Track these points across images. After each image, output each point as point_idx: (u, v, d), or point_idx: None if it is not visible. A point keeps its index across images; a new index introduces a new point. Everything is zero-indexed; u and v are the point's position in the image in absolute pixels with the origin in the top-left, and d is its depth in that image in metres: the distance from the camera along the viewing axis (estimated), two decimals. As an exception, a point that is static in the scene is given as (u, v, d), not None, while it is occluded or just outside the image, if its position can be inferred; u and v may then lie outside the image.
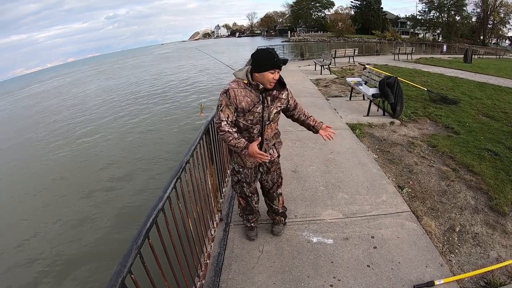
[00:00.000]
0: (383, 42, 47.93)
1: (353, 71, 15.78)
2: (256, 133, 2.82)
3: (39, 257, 6.31)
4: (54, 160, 11.92)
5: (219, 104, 2.71)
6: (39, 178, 10.36)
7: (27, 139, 15.99)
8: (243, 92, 2.68)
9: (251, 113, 2.71)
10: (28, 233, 7.15)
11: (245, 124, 2.76)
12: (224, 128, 2.67)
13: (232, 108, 2.69)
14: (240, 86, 2.69)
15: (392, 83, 7.23)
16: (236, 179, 3.15)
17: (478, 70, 17.16)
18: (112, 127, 15.54)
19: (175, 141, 12.03)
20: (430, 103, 8.95)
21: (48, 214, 7.88)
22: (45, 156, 12.61)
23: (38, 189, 9.39)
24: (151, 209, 1.93)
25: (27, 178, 10.50)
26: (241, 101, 2.67)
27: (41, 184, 9.73)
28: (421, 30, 77.29)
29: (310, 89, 11.50)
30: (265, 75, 2.62)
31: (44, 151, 13.28)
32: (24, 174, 11.01)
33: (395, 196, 4.18)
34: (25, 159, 12.74)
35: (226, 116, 2.68)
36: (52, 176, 10.20)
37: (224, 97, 2.68)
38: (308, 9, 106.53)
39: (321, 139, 3.34)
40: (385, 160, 5.41)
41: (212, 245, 3.34)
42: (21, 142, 15.57)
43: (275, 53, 2.67)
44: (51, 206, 8.25)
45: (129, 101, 21.64)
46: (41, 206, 8.40)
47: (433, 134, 6.56)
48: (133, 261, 1.57)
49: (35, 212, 8.10)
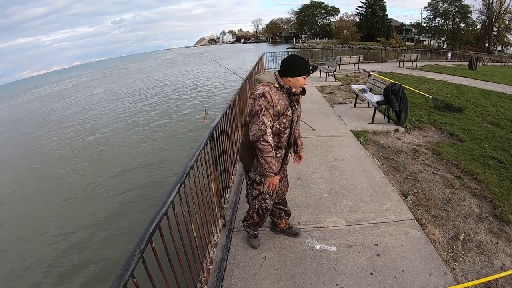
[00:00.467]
0: (388, 49, 47.93)
1: (358, 78, 15.76)
2: (285, 138, 2.84)
3: (41, 259, 6.33)
4: (57, 165, 11.97)
5: (258, 109, 2.61)
6: (43, 182, 10.41)
7: (32, 140, 16.09)
8: (277, 95, 2.68)
9: (284, 116, 2.72)
10: (30, 234, 7.18)
11: (278, 128, 2.74)
12: (269, 138, 2.63)
13: (271, 112, 2.64)
14: (273, 90, 2.68)
15: (397, 91, 7.22)
16: (256, 192, 3.04)
17: (483, 78, 17.08)
18: (116, 130, 15.61)
19: (178, 147, 12.06)
20: (435, 111, 8.93)
21: (50, 216, 7.91)
22: (48, 161, 12.68)
23: (41, 193, 9.43)
24: (155, 214, 1.93)
25: (31, 181, 10.55)
26: (277, 104, 2.66)
27: (44, 188, 9.78)
28: (426, 37, 77.32)
29: (315, 96, 11.51)
30: (298, 79, 2.70)
31: (49, 157, 13.34)
32: (29, 177, 11.07)
33: (399, 204, 4.16)
34: (30, 162, 12.81)
35: (268, 121, 2.63)
36: (55, 181, 10.25)
37: (262, 100, 2.62)
38: (314, 16, 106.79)
39: (326, 146, 3.37)
40: (389, 168, 5.39)
41: (214, 250, 3.34)
42: (28, 142, 15.68)
43: (304, 57, 2.77)
44: (54, 209, 8.28)
45: (133, 106, 21.73)
46: (44, 208, 8.44)
47: (438, 141, 6.54)
48: (135, 265, 1.56)
49: (38, 214, 8.14)
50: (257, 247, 3.39)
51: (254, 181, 2.99)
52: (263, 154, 2.64)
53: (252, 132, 2.64)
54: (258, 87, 2.72)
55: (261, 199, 3.04)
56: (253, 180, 2.99)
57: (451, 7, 69.40)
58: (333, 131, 7.18)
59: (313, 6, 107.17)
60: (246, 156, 2.92)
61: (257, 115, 2.61)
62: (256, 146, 2.67)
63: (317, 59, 28.07)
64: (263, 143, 2.61)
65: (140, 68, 63.84)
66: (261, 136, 2.61)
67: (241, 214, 4.02)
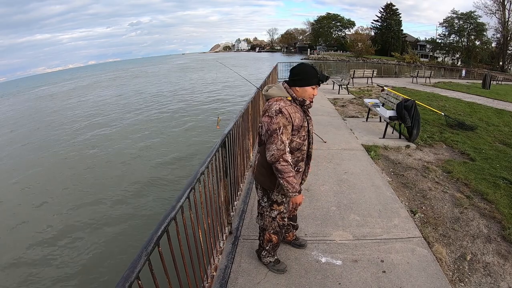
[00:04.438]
0: (402, 65, 47.85)
1: (370, 92, 15.74)
2: (305, 150, 2.76)
3: (47, 258, 6.39)
4: (69, 165, 12.09)
5: (276, 127, 2.48)
6: (53, 180, 10.52)
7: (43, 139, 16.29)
8: (293, 109, 2.57)
9: (303, 128, 2.64)
10: (38, 235, 7.25)
11: (298, 142, 2.66)
12: (288, 158, 2.51)
13: (289, 129, 2.53)
14: (287, 104, 2.57)
15: (410, 106, 7.19)
16: (276, 213, 2.89)
17: (496, 97, 16.93)
18: (129, 132, 15.76)
19: (189, 153, 12.14)
20: (446, 128, 8.86)
21: (60, 215, 7.99)
22: (59, 161, 12.84)
23: (52, 193, 9.54)
24: (163, 217, 1.94)
25: (41, 183, 10.67)
26: (295, 118, 2.55)
27: (55, 186, 9.89)
28: (440, 53, 76.89)
29: (327, 108, 11.50)
30: (307, 89, 2.60)
31: (59, 157, 13.48)
32: (37, 179, 11.20)
33: (407, 221, 4.13)
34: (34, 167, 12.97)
35: (287, 139, 2.53)
36: (67, 181, 10.36)
37: (280, 117, 2.48)
38: (329, 28, 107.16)
39: (336, 159, 3.34)
40: (398, 184, 5.36)
41: (220, 257, 3.33)
42: (37, 142, 15.87)
43: (315, 67, 2.65)
44: (64, 208, 8.36)
45: (146, 108, 21.93)
46: (53, 206, 8.53)
47: (449, 159, 6.48)
48: (141, 267, 1.57)
49: (46, 212, 8.23)
50: (286, 269, 3.20)
51: (275, 202, 2.84)
52: (284, 175, 2.51)
53: (271, 152, 2.50)
54: (272, 103, 2.59)
55: (280, 218, 2.92)
56: (273, 201, 2.85)
57: (466, 24, 69.08)
58: (344, 144, 7.16)
59: (329, 18, 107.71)
60: (264, 176, 2.75)
61: (276, 133, 2.48)
62: (274, 167, 2.54)
63: (331, 71, 28.03)
64: (283, 163, 2.49)
65: (156, 71, 64.42)
66: (280, 157, 2.48)
67: (248, 222, 4.02)
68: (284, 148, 2.49)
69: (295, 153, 2.69)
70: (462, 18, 69.52)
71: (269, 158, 2.52)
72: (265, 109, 2.62)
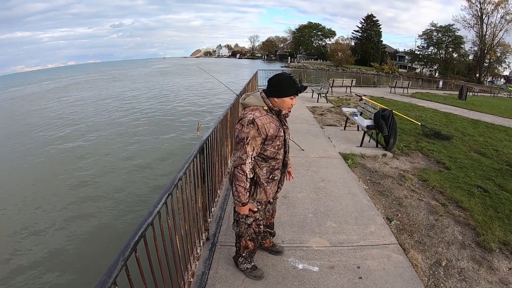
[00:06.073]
0: (381, 75, 48.52)
1: (349, 101, 15.97)
2: (281, 158, 2.77)
3: (25, 260, 6.25)
4: (36, 173, 11.83)
5: (245, 136, 2.51)
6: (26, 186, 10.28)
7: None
8: (268, 119, 2.58)
9: (278, 138, 2.64)
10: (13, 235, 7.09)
11: (272, 151, 2.67)
12: (246, 168, 2.54)
13: (259, 140, 2.55)
14: (262, 113, 2.58)
15: (387, 116, 7.33)
16: (251, 220, 2.90)
17: (472, 107, 17.47)
18: (106, 137, 15.51)
19: (167, 158, 12.06)
20: (423, 138, 9.07)
21: (33, 222, 7.82)
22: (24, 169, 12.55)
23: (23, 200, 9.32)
24: (141, 223, 1.93)
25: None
26: (269, 128, 2.56)
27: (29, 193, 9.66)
28: (418, 65, 78.85)
29: (306, 116, 11.62)
30: (285, 100, 2.61)
31: (31, 160, 13.18)
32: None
33: (383, 228, 4.20)
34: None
35: (252, 150, 2.54)
36: (42, 184, 10.14)
37: (251, 127, 2.50)
38: (310, 37, 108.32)
39: (313, 167, 3.38)
40: (375, 192, 5.45)
41: (197, 263, 3.32)
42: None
43: (296, 79, 2.66)
44: (38, 214, 8.18)
45: (126, 113, 21.66)
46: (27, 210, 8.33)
47: (425, 168, 6.63)
48: (118, 272, 1.57)
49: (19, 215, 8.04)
50: (263, 276, 3.20)
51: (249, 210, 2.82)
52: (236, 182, 2.57)
53: (233, 158, 2.60)
54: (247, 112, 2.60)
55: (255, 225, 2.95)
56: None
57: (445, 37, 71.22)
58: (322, 152, 7.24)
59: (310, 27, 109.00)
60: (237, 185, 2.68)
61: (242, 142, 2.52)
62: (232, 172, 2.64)
63: (311, 80, 28.27)
64: (239, 171, 2.54)
65: (136, 75, 63.69)
66: (239, 165, 2.54)
67: (225, 228, 4.02)
68: (246, 158, 2.52)
69: (270, 161, 2.71)
70: (440, 30, 71.70)
71: (232, 163, 2.63)
72: (240, 117, 2.63)
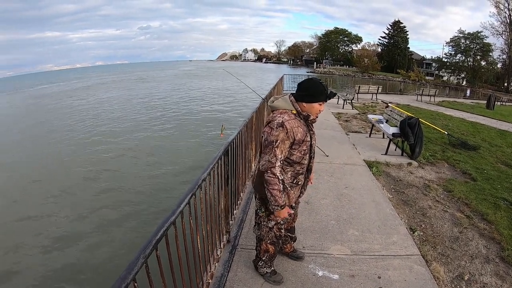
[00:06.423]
0: (407, 82, 47.70)
1: (375, 108, 15.76)
2: (306, 164, 2.75)
3: (46, 256, 6.40)
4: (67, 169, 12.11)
5: (274, 139, 2.50)
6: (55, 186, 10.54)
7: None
8: (296, 123, 2.58)
9: (304, 142, 2.63)
10: (35, 234, 7.27)
11: (298, 156, 2.66)
12: (276, 171, 2.52)
13: (287, 144, 2.55)
14: (291, 117, 2.57)
15: (413, 124, 7.20)
16: (273, 223, 2.90)
17: (500, 117, 16.94)
18: (132, 137, 15.80)
19: (191, 156, 12.17)
20: (449, 147, 8.85)
21: (59, 217, 8.00)
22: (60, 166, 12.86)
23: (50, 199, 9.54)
24: (163, 221, 1.94)
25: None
26: (297, 133, 2.56)
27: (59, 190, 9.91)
28: (445, 72, 76.91)
29: (331, 122, 11.53)
30: (314, 106, 2.61)
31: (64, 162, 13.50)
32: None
33: (406, 238, 4.11)
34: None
35: (280, 153, 2.53)
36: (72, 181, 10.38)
37: (280, 130, 2.50)
38: (336, 43, 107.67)
39: (337, 174, 3.33)
40: (399, 201, 5.35)
41: (216, 265, 3.33)
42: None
43: (326, 85, 2.65)
44: (64, 208, 8.38)
45: (152, 113, 22.02)
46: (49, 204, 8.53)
47: (450, 178, 6.47)
48: (138, 269, 1.57)
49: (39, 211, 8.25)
50: (282, 281, 3.18)
51: (272, 212, 2.77)
52: (269, 186, 2.55)
53: (262, 162, 2.57)
54: (276, 115, 2.60)
55: (277, 229, 2.93)
56: (271, 212, 2.79)
57: (472, 44, 69.32)
58: (346, 159, 7.16)
59: (337, 32, 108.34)
60: (263, 186, 2.66)
61: (271, 145, 2.51)
62: (257, 174, 2.63)
63: (336, 86, 28.10)
64: (270, 175, 2.52)
65: (163, 76, 64.67)
66: (269, 168, 2.51)
67: (246, 232, 4.01)
68: (275, 162, 2.50)
69: (295, 166, 2.69)
70: (468, 38, 69.86)
71: (261, 167, 2.59)
72: (268, 120, 2.63)
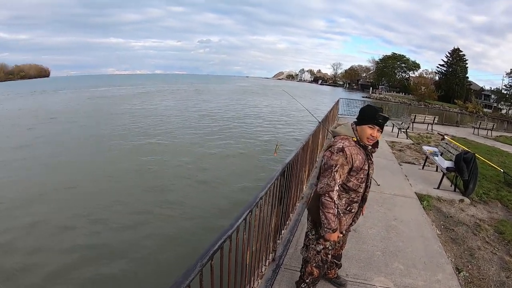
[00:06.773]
0: (464, 113, 45.75)
1: (430, 139, 15.30)
2: (361, 192, 2.80)
3: (105, 257, 6.81)
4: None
5: (334, 164, 2.57)
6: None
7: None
8: (356, 150, 2.64)
9: (362, 171, 2.69)
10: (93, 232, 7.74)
11: (355, 184, 2.70)
12: (334, 195, 2.57)
13: (346, 169, 2.61)
14: (351, 144, 2.64)
15: (469, 159, 6.98)
16: (321, 247, 2.91)
17: (562, 157, 15.84)
18: (186, 148, 16.41)
19: (242, 175, 12.42)
20: (504, 186, 8.40)
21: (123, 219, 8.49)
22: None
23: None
24: (221, 234, 2.08)
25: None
26: (355, 159, 2.61)
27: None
28: (504, 105, 72.57)
29: (385, 150, 11.35)
30: (364, 129, 2.66)
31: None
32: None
33: (451, 278, 4.01)
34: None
35: (339, 178, 2.58)
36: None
37: (340, 155, 2.57)
38: (393, 68, 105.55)
39: (387, 204, 3.35)
40: (447, 238, 5.20)
41: (259, 281, 3.42)
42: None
43: (379, 109, 2.67)
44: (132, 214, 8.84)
45: (207, 126, 22.70)
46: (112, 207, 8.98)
47: (502, 219, 6.17)
48: (194, 277, 1.68)
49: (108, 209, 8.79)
50: None
51: (322, 236, 2.81)
52: (324, 209, 2.59)
53: (321, 185, 2.63)
54: (337, 140, 2.68)
55: (324, 253, 2.94)
56: (320, 236, 2.83)
57: (535, 76, 65.31)
58: (398, 190, 7.06)
59: (394, 58, 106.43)
60: (317, 209, 2.72)
61: (331, 169, 2.57)
62: (320, 199, 2.65)
63: (391, 113, 27.50)
64: (327, 198, 2.57)
65: (220, 90, 66.06)
66: (327, 192, 2.57)
67: (292, 252, 4.09)
68: (334, 186, 2.56)
69: (351, 193, 2.74)
70: (530, 68, 65.84)
71: (318, 189, 2.66)
72: (329, 144, 2.72)
